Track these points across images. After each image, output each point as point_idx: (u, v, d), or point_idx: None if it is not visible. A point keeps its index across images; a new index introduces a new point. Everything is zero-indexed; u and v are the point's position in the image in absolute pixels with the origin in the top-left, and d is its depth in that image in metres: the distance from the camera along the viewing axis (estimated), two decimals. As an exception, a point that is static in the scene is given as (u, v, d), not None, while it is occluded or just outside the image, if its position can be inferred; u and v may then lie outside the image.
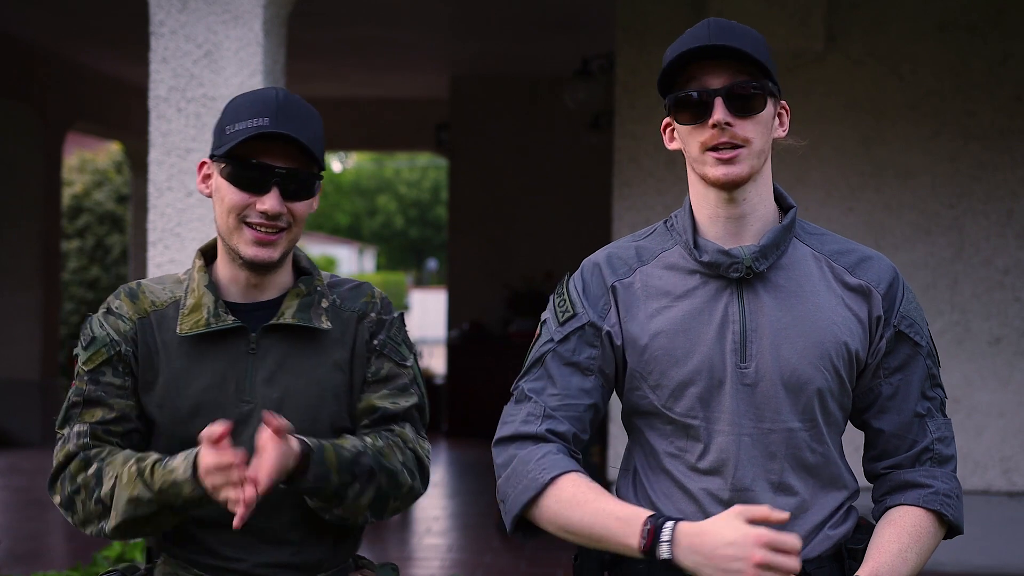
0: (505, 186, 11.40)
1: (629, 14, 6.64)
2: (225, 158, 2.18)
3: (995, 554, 6.35)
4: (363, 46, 10.07)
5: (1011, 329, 6.44)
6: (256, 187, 2.17)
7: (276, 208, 2.15)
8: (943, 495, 2.13)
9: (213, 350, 2.22)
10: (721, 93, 2.05)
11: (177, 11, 5.00)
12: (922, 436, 2.16)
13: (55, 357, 10.93)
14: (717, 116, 2.04)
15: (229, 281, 2.26)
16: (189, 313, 2.23)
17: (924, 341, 2.16)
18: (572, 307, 2.15)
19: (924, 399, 2.16)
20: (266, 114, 2.15)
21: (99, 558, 5.12)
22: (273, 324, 2.23)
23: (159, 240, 5.04)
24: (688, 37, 2.08)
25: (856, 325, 2.12)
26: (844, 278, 2.14)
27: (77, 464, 2.17)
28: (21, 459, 9.88)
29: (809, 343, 2.08)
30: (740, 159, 2.06)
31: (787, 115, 2.18)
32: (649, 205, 6.58)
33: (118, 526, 2.14)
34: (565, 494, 2.03)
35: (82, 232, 14.41)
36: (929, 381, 2.17)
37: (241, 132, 2.15)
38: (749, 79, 2.06)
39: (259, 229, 2.18)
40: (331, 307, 2.28)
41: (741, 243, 2.12)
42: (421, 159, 37.85)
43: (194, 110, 5.00)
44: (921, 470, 2.15)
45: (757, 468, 2.08)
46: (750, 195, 2.11)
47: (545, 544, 6.82)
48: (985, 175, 6.47)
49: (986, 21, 6.46)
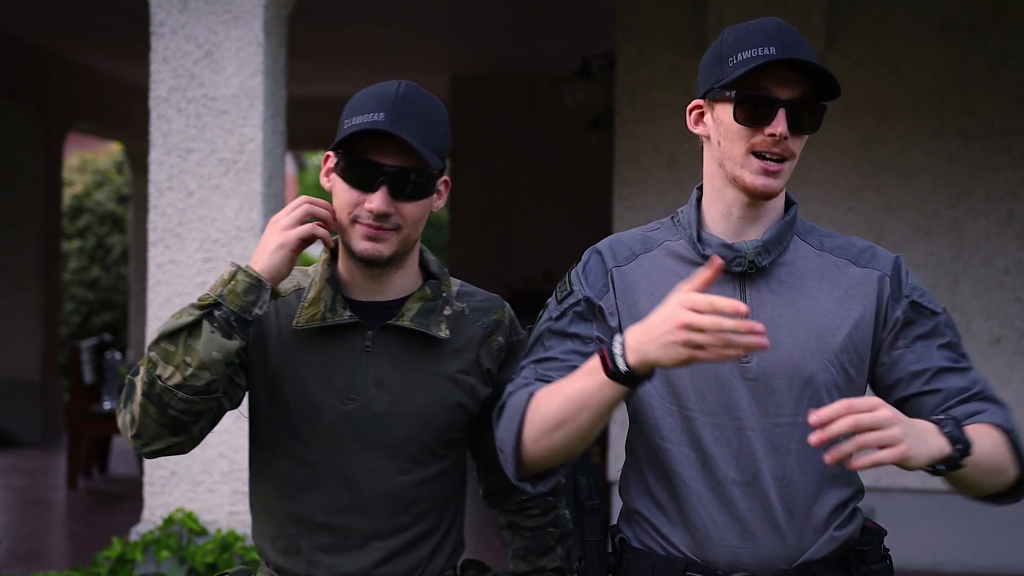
0: (505, 186, 11.41)
1: (629, 14, 6.64)
2: (339, 153, 2.14)
3: (995, 554, 6.35)
4: (364, 46, 10.07)
5: (1011, 329, 6.44)
6: (365, 184, 2.11)
7: (382, 207, 2.09)
8: (1007, 418, 2.07)
9: (328, 344, 2.17)
10: (787, 105, 2.03)
11: (178, 11, 5.00)
12: (964, 381, 2.10)
13: (55, 357, 10.93)
14: (780, 128, 2.02)
15: (349, 278, 2.21)
16: (308, 306, 2.18)
17: (940, 310, 2.13)
18: (570, 286, 2.16)
19: (956, 356, 2.12)
20: (382, 109, 2.10)
21: (99, 558, 5.12)
22: (391, 325, 2.17)
23: (160, 240, 5.03)
24: (759, 36, 2.03)
25: (864, 314, 2.10)
26: (848, 270, 2.13)
27: (138, 367, 2.09)
28: (21, 459, 9.88)
29: (812, 337, 2.08)
30: (782, 174, 2.06)
31: None
32: (649, 205, 6.58)
33: (158, 345, 2.03)
34: (539, 398, 2.02)
35: (83, 232, 14.41)
36: (956, 350, 2.12)
37: (353, 127, 2.10)
38: (814, 97, 2.05)
39: (368, 226, 2.13)
40: (455, 315, 2.22)
41: (745, 239, 2.11)
42: (421, 159, 37.85)
43: (195, 110, 5.00)
44: (975, 404, 2.09)
45: (759, 462, 2.07)
46: (770, 203, 2.12)
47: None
48: (985, 175, 6.47)
49: (986, 21, 6.47)
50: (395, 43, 9.91)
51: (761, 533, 2.08)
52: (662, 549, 2.13)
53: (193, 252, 5.00)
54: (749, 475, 2.07)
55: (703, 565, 2.10)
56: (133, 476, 8.88)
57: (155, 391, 2.04)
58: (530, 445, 2.02)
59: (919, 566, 6.30)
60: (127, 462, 9.41)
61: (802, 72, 2.03)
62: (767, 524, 2.08)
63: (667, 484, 2.12)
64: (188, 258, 5.01)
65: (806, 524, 2.09)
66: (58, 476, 9.11)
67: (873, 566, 2.12)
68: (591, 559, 2.16)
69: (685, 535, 2.11)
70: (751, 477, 2.07)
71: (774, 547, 2.08)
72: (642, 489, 2.16)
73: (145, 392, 2.04)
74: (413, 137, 2.09)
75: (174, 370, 2.03)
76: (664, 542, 2.13)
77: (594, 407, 1.93)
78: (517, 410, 2.04)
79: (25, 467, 9.59)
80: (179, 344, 2.03)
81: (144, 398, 2.04)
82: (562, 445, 2.00)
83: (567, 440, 1.99)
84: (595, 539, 2.18)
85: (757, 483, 2.07)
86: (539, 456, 2.02)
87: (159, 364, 2.04)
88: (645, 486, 2.16)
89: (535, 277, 11.10)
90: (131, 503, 7.79)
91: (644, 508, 2.16)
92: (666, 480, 2.12)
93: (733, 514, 2.08)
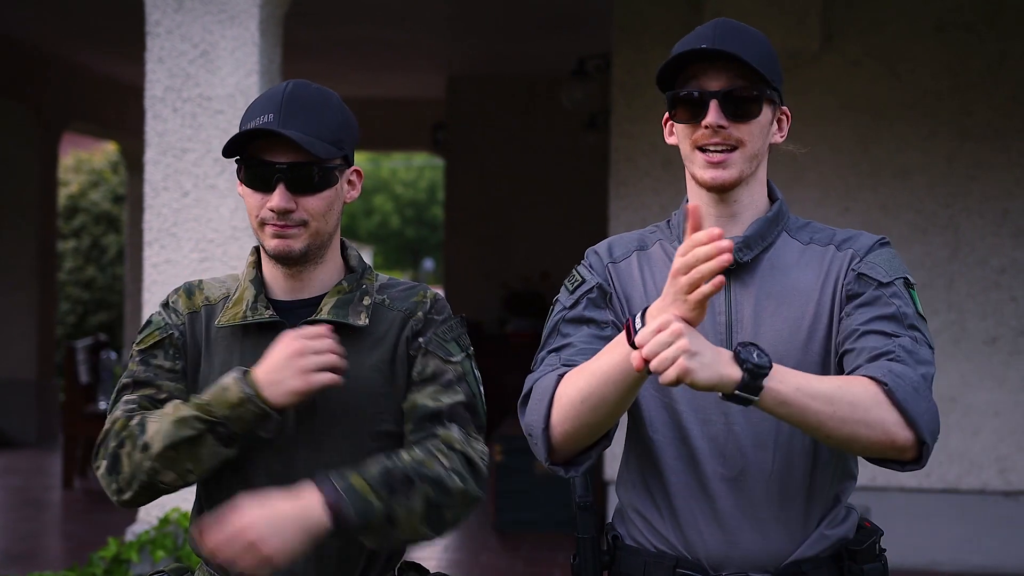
0: (502, 186, 11.40)
1: (626, 14, 6.64)
2: (239, 160, 2.18)
3: (991, 553, 6.35)
4: (359, 46, 10.07)
5: (1007, 328, 6.44)
6: (263, 185, 2.15)
7: (281, 204, 2.12)
8: (894, 373, 1.95)
9: (253, 346, 2.19)
10: (717, 96, 2.07)
11: (173, 11, 4.99)
12: (881, 343, 2.01)
13: (51, 357, 10.92)
14: (710, 118, 2.06)
15: (272, 279, 2.24)
16: (232, 306, 2.21)
17: (889, 279, 2.08)
18: (581, 277, 2.19)
19: (894, 325, 2.03)
20: (271, 110, 2.14)
21: (95, 558, 5.12)
22: (309, 321, 2.18)
23: (155, 240, 5.03)
24: (693, 36, 2.10)
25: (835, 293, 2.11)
26: (829, 254, 2.14)
27: (120, 423, 2.14)
28: (17, 459, 9.87)
29: (794, 328, 2.09)
30: (730, 163, 2.08)
31: (787, 121, 2.19)
32: (645, 204, 6.58)
33: (161, 454, 2.08)
34: (567, 378, 2.03)
35: (78, 232, 14.40)
36: (900, 320, 2.04)
37: (241, 132, 2.15)
38: (746, 83, 2.07)
39: (273, 225, 2.16)
40: (374, 306, 2.23)
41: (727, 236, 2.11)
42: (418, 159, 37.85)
43: (190, 110, 4.99)
44: (877, 363, 1.99)
45: (746, 457, 2.08)
46: (741, 196, 2.13)
47: (542, 544, 6.84)
48: (981, 175, 6.47)
49: (983, 21, 6.47)
50: (391, 43, 9.90)
51: (748, 530, 2.09)
52: (653, 547, 2.14)
53: (189, 252, 4.99)
54: (736, 470, 2.09)
55: (693, 562, 2.11)
56: (129, 476, 8.88)
57: (154, 487, 2.13)
58: (558, 426, 2.03)
59: (915, 565, 6.30)
60: (123, 462, 9.40)
61: (738, 62, 2.06)
62: (754, 521, 2.09)
63: (658, 479, 2.14)
64: (184, 258, 5.00)
65: (795, 521, 2.09)
66: (54, 476, 9.10)
67: (866, 566, 2.11)
68: (585, 556, 2.18)
69: (675, 531, 2.12)
70: (738, 472, 2.08)
71: (761, 544, 2.09)
72: (636, 484, 2.18)
73: (143, 484, 2.12)
74: (303, 132, 2.12)
75: (176, 476, 2.12)
76: (656, 539, 2.14)
77: (620, 380, 1.94)
78: (546, 392, 2.05)
79: (21, 467, 9.58)
80: (180, 451, 2.10)
81: (139, 486, 2.12)
82: (590, 422, 2.00)
83: (595, 416, 1.99)
84: (588, 536, 2.19)
85: (744, 479, 2.08)
86: (568, 435, 2.03)
87: (161, 472, 2.10)
88: (639, 481, 2.18)
89: (532, 277, 11.10)
90: (127, 503, 7.78)
91: (638, 503, 2.18)
92: (657, 475, 2.14)
93: (719, 511, 2.09)
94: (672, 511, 2.12)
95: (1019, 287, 6.44)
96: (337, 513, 2.03)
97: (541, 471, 7.06)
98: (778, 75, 2.13)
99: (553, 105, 10.52)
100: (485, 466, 2.19)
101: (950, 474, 6.38)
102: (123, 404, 2.18)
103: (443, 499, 2.11)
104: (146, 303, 5.02)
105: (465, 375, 2.23)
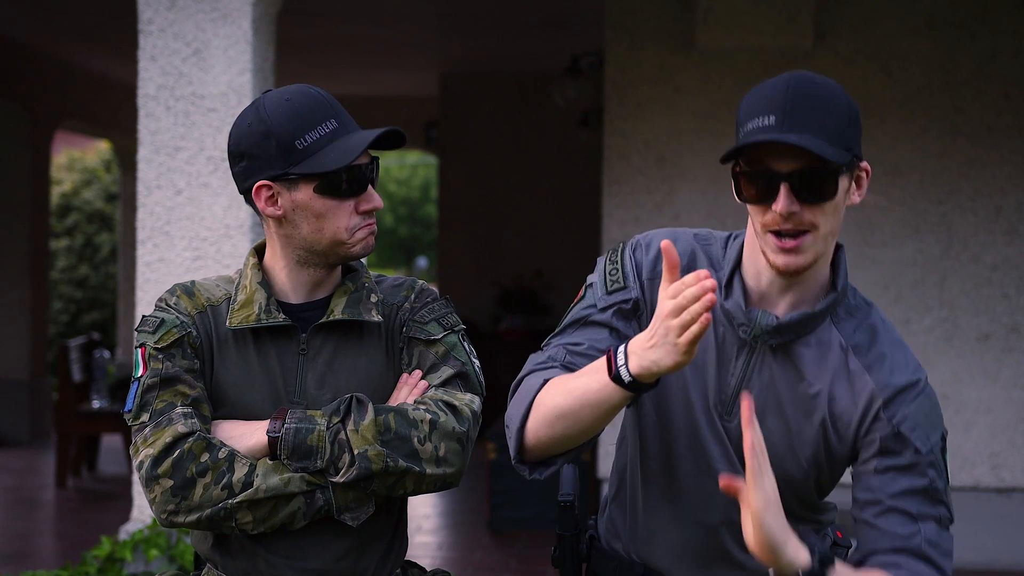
0: (495, 184, 11.40)
1: (618, 12, 6.64)
2: (311, 175, 2.16)
3: (984, 550, 6.36)
4: (352, 44, 10.06)
5: (999, 325, 6.46)
6: (354, 190, 2.18)
7: (380, 203, 2.16)
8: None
9: (264, 349, 2.19)
10: (788, 179, 1.88)
11: (166, 9, 4.98)
12: (906, 530, 1.94)
13: (44, 356, 10.90)
14: (782, 205, 1.88)
15: (285, 281, 2.23)
16: (240, 308, 2.19)
17: (927, 447, 1.96)
18: (624, 280, 2.09)
19: (920, 503, 1.96)
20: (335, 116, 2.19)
21: (88, 557, 5.11)
22: (323, 323, 2.19)
23: (148, 238, 5.02)
24: (763, 103, 1.91)
25: (849, 420, 2.00)
26: (852, 368, 2.00)
27: (198, 445, 2.09)
28: (10, 458, 9.86)
29: (796, 439, 2.02)
30: (803, 248, 1.92)
31: (867, 178, 2.00)
32: (639, 203, 6.58)
33: (256, 502, 2.09)
34: (551, 386, 2.00)
35: (71, 231, 14.37)
36: (929, 495, 1.95)
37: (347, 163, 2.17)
38: (821, 165, 1.88)
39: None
40: (380, 303, 2.24)
41: (771, 307, 2.01)
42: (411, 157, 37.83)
43: (183, 108, 4.99)
44: (899, 556, 1.93)
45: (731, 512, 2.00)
46: (806, 274, 1.99)
47: (535, 542, 6.84)
48: (973, 172, 6.49)
49: (974, 18, 6.48)
50: (384, 40, 9.90)
51: (719, 565, 2.10)
52: (624, 552, 2.17)
53: (182, 250, 4.99)
54: (720, 517, 2.07)
55: (658, 573, 2.13)
56: (122, 475, 8.87)
57: (223, 524, 2.12)
58: (532, 432, 2.01)
59: (908, 562, 6.32)
60: (116, 461, 9.40)
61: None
62: (726, 560, 2.10)
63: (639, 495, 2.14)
64: (177, 256, 5.00)
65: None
66: (47, 475, 9.08)
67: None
68: (564, 552, 2.20)
69: (645, 548, 2.14)
70: (721, 519, 2.07)
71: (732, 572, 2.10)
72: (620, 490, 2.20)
73: (210, 518, 2.11)
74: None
75: (252, 522, 2.12)
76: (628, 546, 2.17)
77: (596, 405, 1.92)
78: (529, 393, 2.03)
79: (14, 466, 9.56)
80: (267, 504, 2.11)
81: (208, 520, 2.11)
82: (563, 436, 1.99)
83: (567, 433, 1.98)
84: (568, 534, 2.20)
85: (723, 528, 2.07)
86: (541, 442, 2.02)
87: (242, 511, 2.10)
88: (623, 487, 2.19)
89: (524, 275, 11.10)
90: (120, 502, 7.78)
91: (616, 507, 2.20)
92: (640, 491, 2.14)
93: (688, 547, 2.10)
94: (649, 533, 2.13)
95: (1011, 284, 6.46)
96: (274, 429, 2.10)
97: (535, 469, 7.07)
98: (857, 134, 1.95)
99: (546, 103, 10.52)
100: (473, 413, 2.17)
101: (943, 471, 6.40)
102: (180, 416, 2.12)
103: (404, 427, 2.10)
104: (139, 302, 5.01)
105: (451, 350, 2.22)
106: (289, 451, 2.09)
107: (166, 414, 2.12)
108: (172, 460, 2.09)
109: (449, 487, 2.17)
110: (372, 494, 2.12)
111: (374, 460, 2.08)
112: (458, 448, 2.13)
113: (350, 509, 2.12)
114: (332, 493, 2.10)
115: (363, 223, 2.17)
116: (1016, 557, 6.35)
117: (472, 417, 2.16)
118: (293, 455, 2.09)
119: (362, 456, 2.07)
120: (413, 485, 2.12)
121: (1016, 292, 6.45)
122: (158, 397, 2.13)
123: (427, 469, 2.11)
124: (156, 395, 2.14)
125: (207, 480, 2.08)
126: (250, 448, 2.11)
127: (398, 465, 2.09)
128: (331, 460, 2.09)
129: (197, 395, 2.15)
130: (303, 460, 2.08)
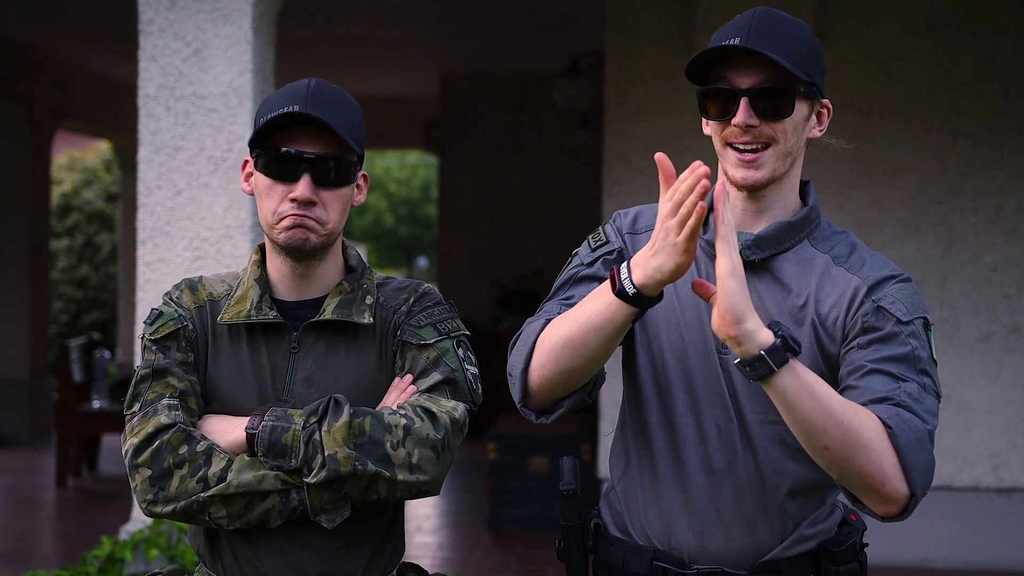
0: (495, 184, 11.41)
1: (618, 12, 6.65)
2: (259, 148, 2.17)
3: (985, 550, 6.36)
4: (352, 44, 10.06)
5: (999, 326, 6.45)
6: (288, 175, 2.14)
7: (306, 194, 2.12)
8: (901, 419, 1.90)
9: (257, 345, 2.20)
10: (748, 93, 2.01)
11: (166, 9, 4.99)
12: (886, 387, 1.95)
13: (44, 356, 10.90)
14: (740, 117, 2.01)
15: (277, 278, 2.24)
16: (234, 304, 2.21)
17: (908, 318, 2.00)
18: (606, 236, 2.18)
19: (903, 367, 1.97)
20: (296, 101, 2.13)
21: (89, 557, 5.11)
22: (315, 322, 2.19)
23: (148, 239, 5.02)
24: (731, 28, 2.02)
25: (836, 316, 2.04)
26: (833, 270, 2.08)
27: (178, 437, 2.11)
28: (10, 458, 9.86)
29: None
30: (761, 162, 2.03)
31: (829, 114, 2.12)
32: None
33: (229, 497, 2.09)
34: (553, 323, 2.04)
35: (71, 231, 14.37)
36: (911, 363, 1.97)
37: (271, 118, 2.13)
38: (779, 80, 2.00)
39: (293, 215, 2.15)
40: (375, 304, 2.23)
41: (747, 230, 2.09)
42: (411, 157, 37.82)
43: (183, 108, 4.99)
44: (882, 406, 1.93)
45: (736, 453, 2.07)
46: (769, 194, 2.08)
47: (536, 542, 6.84)
48: (973, 172, 6.49)
49: (974, 18, 6.48)
50: (384, 41, 9.90)
51: (725, 525, 2.09)
52: (632, 537, 2.16)
53: (182, 250, 4.99)
54: (724, 464, 2.08)
55: (669, 554, 2.11)
56: (122, 475, 8.87)
57: (198, 517, 2.13)
58: (536, 370, 2.04)
59: (908, 562, 6.32)
60: (116, 461, 9.40)
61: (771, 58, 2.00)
62: (730, 517, 2.09)
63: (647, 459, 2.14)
64: (177, 256, 5.00)
65: (775, 520, 2.08)
66: (47, 475, 9.09)
67: (843, 567, 2.08)
68: (569, 544, 2.21)
69: (656, 516, 2.13)
70: (726, 467, 2.08)
71: (738, 541, 2.09)
72: (625, 459, 2.20)
73: (185, 510, 2.11)
74: (330, 122, 2.12)
75: (227, 517, 2.12)
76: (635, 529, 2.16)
77: (600, 328, 1.95)
78: (531, 335, 2.06)
79: (14, 466, 9.56)
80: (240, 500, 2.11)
81: (183, 512, 2.12)
82: (567, 370, 2.00)
83: (572, 365, 2.00)
84: (570, 524, 2.21)
85: (725, 475, 2.08)
86: (545, 380, 2.03)
87: (215, 505, 2.10)
88: (627, 456, 2.19)
89: (525, 275, 11.10)
90: (120, 502, 7.78)
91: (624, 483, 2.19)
92: (647, 455, 2.14)
93: (694, 502, 2.09)
94: (656, 495, 2.13)
95: (1011, 284, 6.46)
96: (252, 425, 2.10)
97: (535, 469, 7.07)
98: (819, 68, 2.05)
99: (546, 103, 10.53)
100: (454, 422, 2.14)
101: (943, 471, 6.40)
102: (165, 408, 2.14)
103: (378, 432, 2.09)
104: (140, 302, 5.02)
105: (443, 355, 2.20)
106: (264, 448, 2.09)
107: (153, 405, 2.14)
108: (151, 450, 2.11)
109: (426, 495, 2.14)
110: (347, 497, 2.11)
111: (343, 463, 2.07)
112: (432, 456, 2.10)
113: (325, 511, 2.11)
114: (307, 494, 2.10)
115: (291, 211, 2.14)
116: (1016, 557, 6.35)
117: (451, 425, 2.14)
118: (268, 452, 2.09)
119: (331, 458, 2.07)
120: (386, 490, 2.10)
121: (1016, 292, 6.45)
122: (149, 388, 2.17)
123: (399, 475, 2.09)
124: (148, 386, 2.17)
125: (184, 472, 2.10)
126: (230, 443, 2.12)
127: (367, 469, 2.07)
128: (305, 460, 2.09)
129: (185, 388, 2.17)
130: (278, 458, 2.09)
